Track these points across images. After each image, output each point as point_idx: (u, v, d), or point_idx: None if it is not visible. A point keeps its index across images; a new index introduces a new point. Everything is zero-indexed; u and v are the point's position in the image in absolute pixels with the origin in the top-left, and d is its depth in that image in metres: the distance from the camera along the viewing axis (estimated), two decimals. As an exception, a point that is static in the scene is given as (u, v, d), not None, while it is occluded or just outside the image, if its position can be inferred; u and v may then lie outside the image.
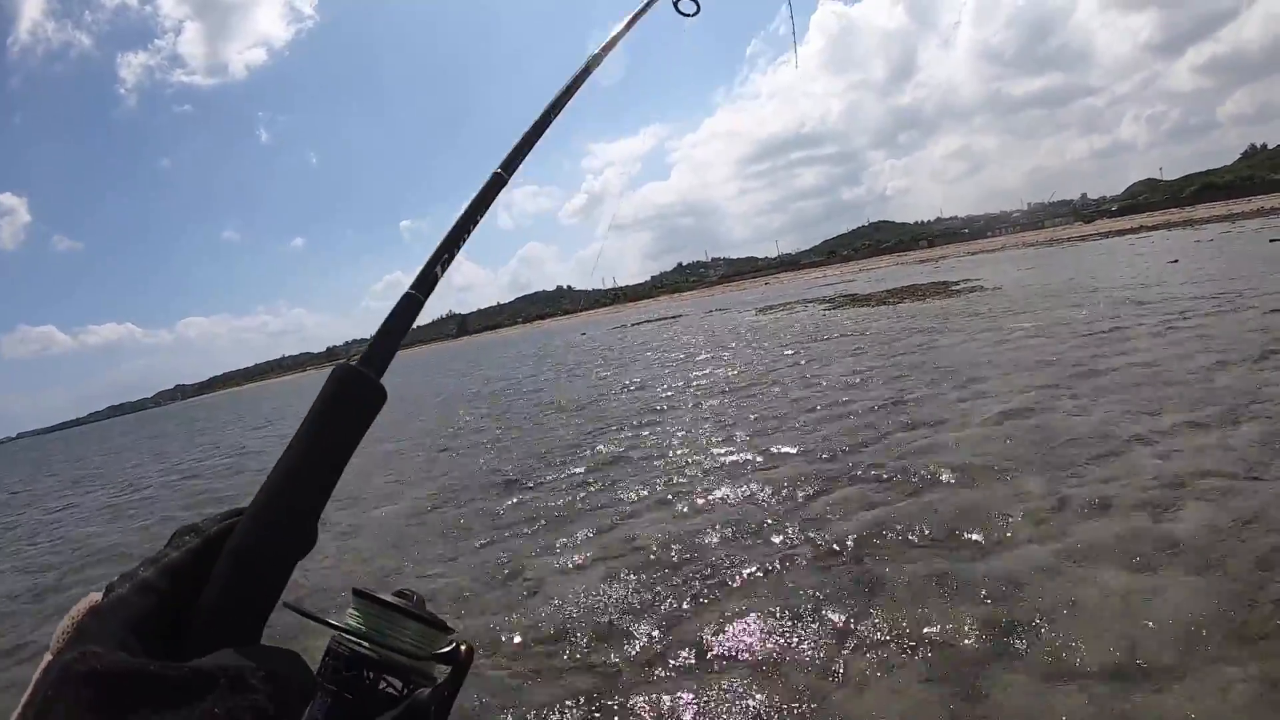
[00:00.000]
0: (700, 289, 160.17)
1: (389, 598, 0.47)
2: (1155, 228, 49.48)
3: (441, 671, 0.46)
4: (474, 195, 0.63)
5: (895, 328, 15.48)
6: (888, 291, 27.15)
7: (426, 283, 0.55)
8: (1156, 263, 21.56)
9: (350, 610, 0.47)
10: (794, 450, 6.72)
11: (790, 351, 14.62)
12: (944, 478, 5.23)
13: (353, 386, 0.47)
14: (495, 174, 0.66)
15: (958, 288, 23.80)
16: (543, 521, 6.04)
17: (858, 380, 9.72)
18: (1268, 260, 17.42)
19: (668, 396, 11.74)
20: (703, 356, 17.16)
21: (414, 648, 0.46)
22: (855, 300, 26.31)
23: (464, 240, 0.60)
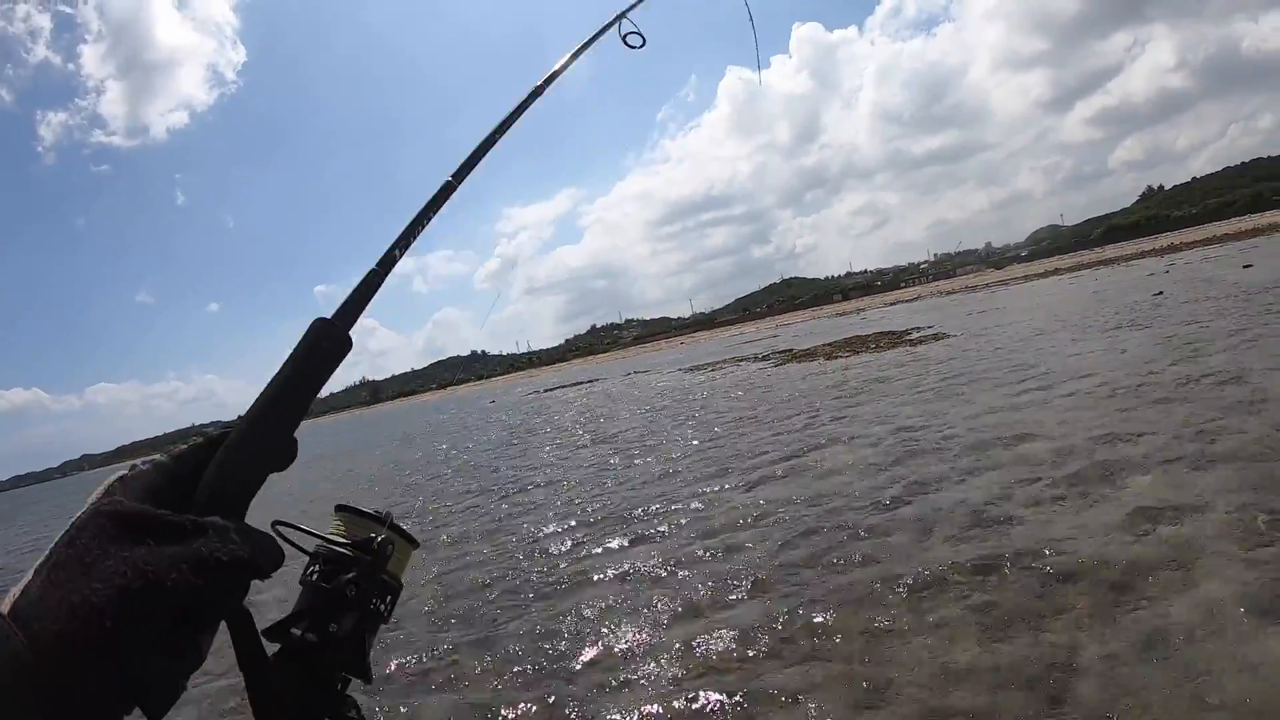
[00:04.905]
0: (615, 350, 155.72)
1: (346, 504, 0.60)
2: (1071, 269, 48.69)
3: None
4: (428, 198, 0.71)
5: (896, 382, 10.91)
6: (829, 345, 22.96)
7: (387, 262, 0.65)
8: (1136, 295, 18.27)
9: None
10: None
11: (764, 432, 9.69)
12: None
13: (326, 334, 0.57)
14: (446, 182, 0.73)
15: (911, 337, 19.81)
16: None
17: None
18: (1264, 286, 14.11)
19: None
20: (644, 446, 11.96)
21: (337, 536, 0.58)
22: (796, 356, 21.95)
23: (418, 233, 0.69)
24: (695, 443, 10.00)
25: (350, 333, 0.59)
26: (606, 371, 48.35)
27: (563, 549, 6.15)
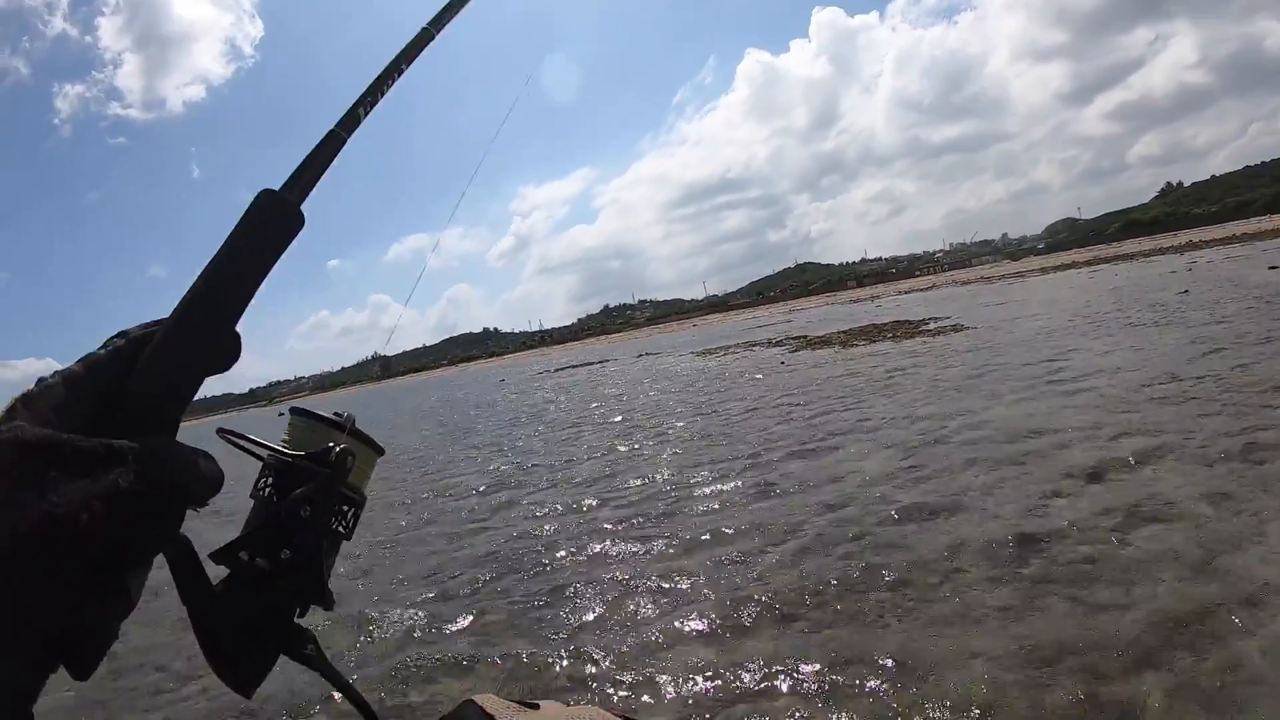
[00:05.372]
0: (628, 331, 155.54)
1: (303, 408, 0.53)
2: (1088, 264, 48.10)
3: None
4: (401, 47, 0.62)
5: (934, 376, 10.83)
6: (845, 332, 22.85)
7: (350, 122, 0.55)
8: (1159, 292, 18.00)
9: None
10: None
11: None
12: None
13: (272, 209, 0.48)
14: (424, 29, 0.64)
15: (929, 327, 19.66)
16: None
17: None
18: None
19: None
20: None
21: (291, 445, 0.50)
22: (811, 342, 21.86)
23: (388, 87, 0.59)
24: (704, 429, 10.01)
25: (303, 208, 0.49)
26: (619, 352, 48.44)
27: (559, 532, 6.16)
